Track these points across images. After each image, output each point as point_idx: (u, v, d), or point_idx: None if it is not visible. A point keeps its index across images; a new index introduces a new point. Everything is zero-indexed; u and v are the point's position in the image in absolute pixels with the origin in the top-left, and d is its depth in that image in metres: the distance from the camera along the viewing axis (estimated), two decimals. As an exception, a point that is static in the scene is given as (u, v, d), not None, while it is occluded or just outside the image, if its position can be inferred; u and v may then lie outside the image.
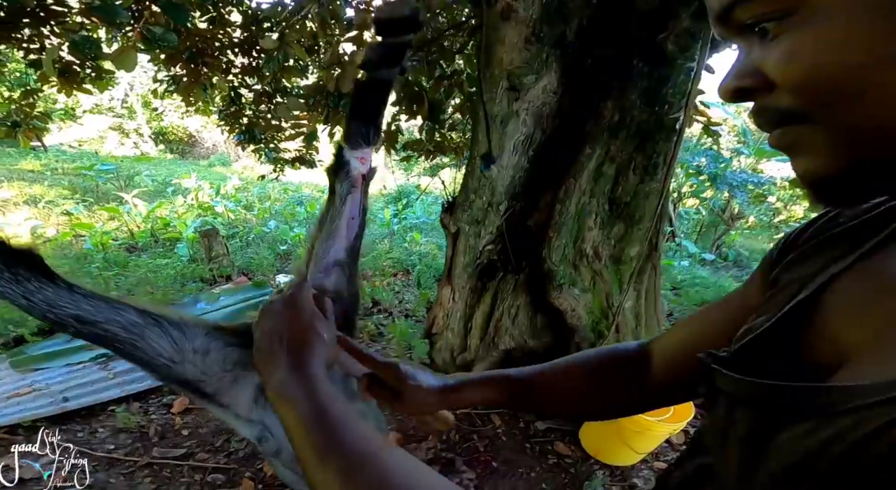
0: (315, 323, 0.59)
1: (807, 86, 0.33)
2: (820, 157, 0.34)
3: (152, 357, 0.71)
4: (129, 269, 4.46)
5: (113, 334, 0.67)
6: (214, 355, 0.76)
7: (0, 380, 2.69)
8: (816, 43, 0.31)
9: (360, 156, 0.76)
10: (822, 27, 0.31)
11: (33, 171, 8.46)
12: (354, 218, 0.79)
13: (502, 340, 2.72)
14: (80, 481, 1.69)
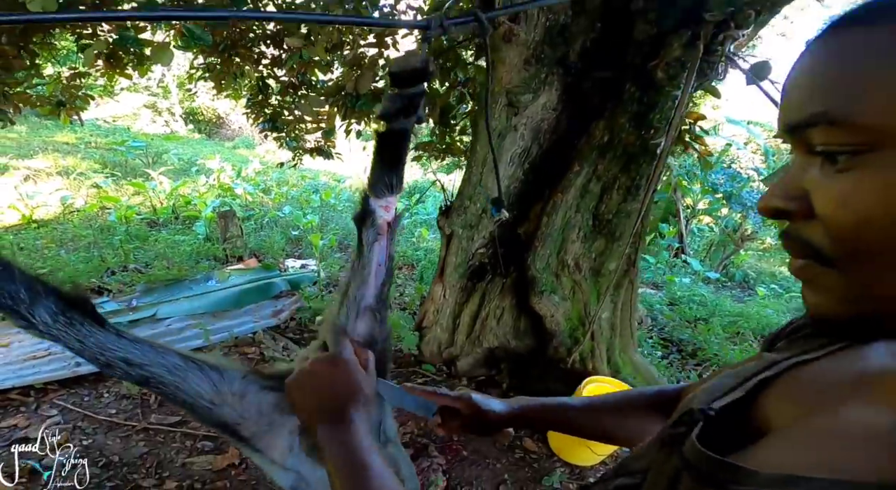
0: (358, 380, 0.64)
1: (849, 236, 0.31)
2: (831, 302, 0.34)
3: (195, 399, 0.74)
4: (148, 244, 4.61)
5: (158, 376, 0.70)
6: (251, 398, 0.78)
7: (20, 342, 2.84)
8: (882, 191, 0.29)
9: (384, 204, 0.78)
10: (874, 172, 0.29)
11: (68, 144, 8.71)
12: (381, 265, 0.81)
13: (486, 339, 2.81)
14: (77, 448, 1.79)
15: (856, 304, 0.33)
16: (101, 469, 1.86)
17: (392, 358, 2.93)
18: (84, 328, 0.65)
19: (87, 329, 0.65)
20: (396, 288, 4.13)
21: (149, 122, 12.69)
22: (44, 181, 6.43)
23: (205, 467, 1.92)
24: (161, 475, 1.87)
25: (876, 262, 0.30)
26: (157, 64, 2.67)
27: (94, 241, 4.59)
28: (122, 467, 1.88)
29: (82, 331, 0.64)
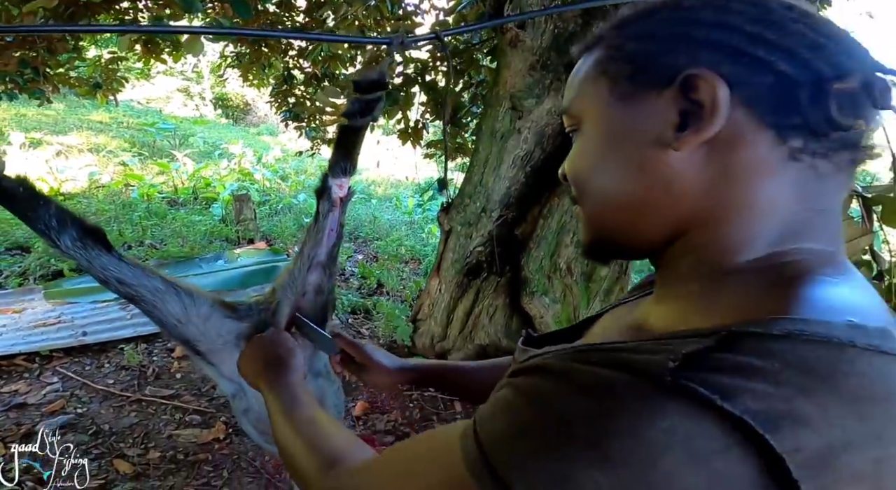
0: (286, 350, 0.81)
1: (572, 180, 0.47)
2: (582, 232, 0.48)
3: (166, 317, 0.87)
4: (166, 221, 4.68)
5: (142, 295, 0.84)
6: (213, 321, 0.91)
7: (33, 309, 2.90)
8: (577, 151, 0.46)
9: (339, 183, 0.90)
10: (580, 142, 0.46)
11: (101, 123, 8.87)
12: (333, 230, 0.94)
13: (478, 336, 2.79)
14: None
15: (590, 230, 0.46)
16: (90, 437, 1.89)
17: (386, 346, 2.93)
18: (94, 251, 0.79)
19: (97, 252, 0.79)
20: (401, 281, 4.12)
21: (180, 105, 12.84)
22: (75, 157, 6.56)
23: (190, 440, 1.94)
24: (147, 445, 1.89)
25: (587, 196, 0.45)
26: (188, 54, 2.74)
27: (115, 215, 4.67)
28: (111, 436, 1.91)
29: (92, 253, 0.79)
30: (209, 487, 1.75)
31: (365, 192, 7.08)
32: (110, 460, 1.79)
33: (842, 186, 0.39)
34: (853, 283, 0.36)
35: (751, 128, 0.36)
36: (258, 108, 13.05)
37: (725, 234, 0.38)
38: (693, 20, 0.39)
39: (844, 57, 0.36)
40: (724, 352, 0.29)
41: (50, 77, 3.06)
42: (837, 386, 0.28)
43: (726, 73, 0.36)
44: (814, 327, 0.30)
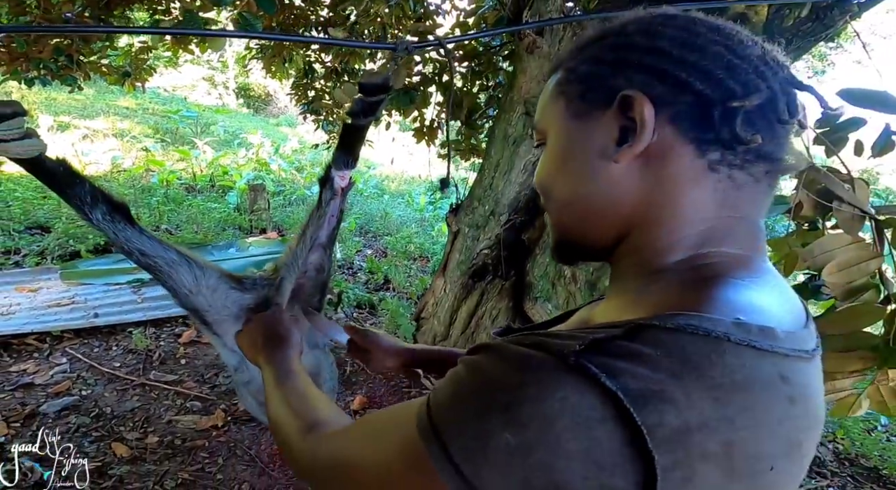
0: (283, 327, 0.84)
1: (538, 188, 0.51)
2: (550, 234, 0.52)
3: (179, 287, 0.93)
4: (182, 207, 4.70)
5: (158, 266, 0.90)
6: (220, 293, 0.96)
7: (48, 289, 2.93)
8: (542, 162, 0.50)
9: (341, 174, 0.96)
10: (545, 154, 0.50)
11: (128, 109, 8.97)
12: (334, 216, 1.01)
13: (480, 337, 2.75)
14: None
15: (554, 233, 0.50)
16: (92, 419, 1.90)
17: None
18: (121, 225, 0.86)
19: (123, 225, 0.86)
20: (408, 278, 4.10)
21: (204, 93, 12.93)
22: (100, 141, 6.64)
23: (189, 426, 1.94)
24: (146, 429, 1.89)
25: (549, 202, 0.50)
26: (212, 48, 2.78)
27: (134, 199, 4.71)
28: (112, 419, 1.92)
29: (119, 226, 0.86)
30: (203, 474, 1.75)
31: (378, 187, 7.07)
32: (109, 443, 1.79)
33: (760, 195, 0.43)
34: (763, 286, 0.40)
35: (676, 142, 0.41)
36: (279, 99, 13.11)
37: (656, 236, 0.43)
38: (632, 45, 0.43)
39: (755, 75, 0.40)
40: (626, 340, 0.33)
41: (82, 64, 3.10)
42: (704, 373, 0.32)
43: (655, 94, 0.40)
44: (702, 323, 0.34)
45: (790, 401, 0.35)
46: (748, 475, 0.33)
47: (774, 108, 0.40)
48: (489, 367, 0.36)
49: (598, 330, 0.36)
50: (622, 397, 0.30)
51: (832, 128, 1.61)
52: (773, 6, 1.91)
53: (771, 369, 0.35)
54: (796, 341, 0.37)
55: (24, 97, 7.52)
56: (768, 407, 0.34)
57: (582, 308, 0.62)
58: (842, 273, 1.40)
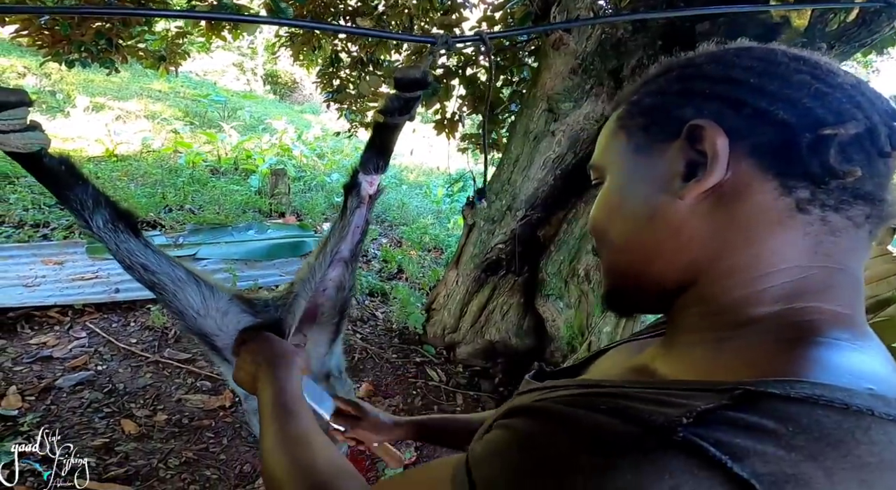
0: (276, 354, 0.75)
1: (592, 229, 0.46)
2: (603, 280, 0.46)
3: (185, 308, 0.83)
4: (206, 188, 4.69)
5: (163, 284, 0.80)
6: (231, 316, 0.86)
7: (74, 262, 2.92)
8: (599, 201, 0.45)
9: (370, 180, 0.85)
10: (602, 192, 0.45)
11: (160, 92, 8.99)
12: (359, 227, 0.89)
13: (489, 332, 2.68)
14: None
15: (608, 279, 0.45)
16: (105, 395, 1.87)
17: (398, 333, 2.85)
18: (123, 235, 0.76)
19: (125, 237, 0.77)
20: (421, 269, 4.03)
21: (233, 79, 12.93)
22: (132, 122, 6.66)
23: (197, 405, 1.91)
24: (155, 407, 1.86)
25: (604, 244, 0.44)
26: (244, 32, 2.74)
27: (161, 179, 4.71)
28: (124, 395, 1.89)
29: (121, 237, 0.76)
30: (207, 453, 1.71)
31: (397, 177, 6.99)
32: (118, 420, 1.76)
33: (860, 243, 0.36)
34: (871, 350, 0.34)
35: (755, 178, 0.35)
36: (304, 86, 13.06)
37: (733, 285, 0.36)
38: (701, 75, 0.39)
39: (849, 104, 0.34)
40: (739, 411, 0.27)
41: (121, 48, 3.09)
42: (849, 452, 0.27)
43: (729, 125, 0.35)
44: (835, 393, 0.28)
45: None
46: None
47: (875, 139, 0.34)
48: (554, 440, 0.29)
49: (690, 392, 0.29)
50: (756, 484, 0.24)
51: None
52: (818, 11, 1.76)
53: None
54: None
55: (63, 78, 7.60)
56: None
57: (611, 349, 0.54)
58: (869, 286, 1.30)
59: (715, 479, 0.25)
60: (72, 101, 6.59)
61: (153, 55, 3.70)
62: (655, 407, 0.28)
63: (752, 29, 1.79)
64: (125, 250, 0.77)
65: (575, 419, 0.29)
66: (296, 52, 4.49)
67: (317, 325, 0.93)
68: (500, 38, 1.90)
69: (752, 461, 0.25)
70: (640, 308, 0.45)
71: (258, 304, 0.89)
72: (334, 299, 0.92)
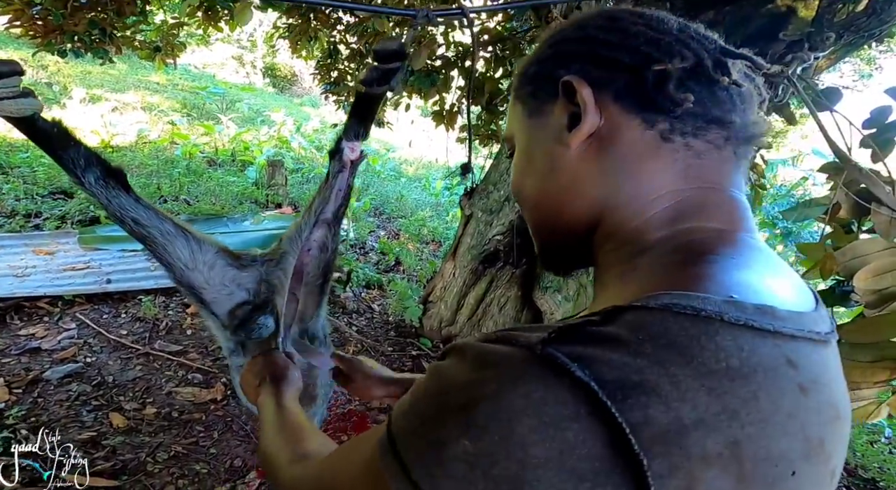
0: (277, 368, 0.81)
1: (514, 196, 0.49)
2: (534, 244, 0.49)
3: (174, 261, 0.85)
4: (202, 179, 4.62)
5: (153, 236, 0.83)
6: (218, 270, 0.88)
7: (65, 253, 2.86)
8: (512, 168, 0.48)
9: (351, 146, 0.88)
10: (514, 160, 0.48)
11: (158, 84, 8.87)
12: (341, 190, 0.91)
13: (486, 324, 2.63)
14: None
15: (536, 240, 0.49)
16: (94, 387, 1.82)
17: (394, 326, 2.79)
18: (114, 191, 0.79)
19: (116, 192, 0.80)
20: (419, 261, 3.97)
21: (232, 71, 12.79)
22: (129, 113, 6.56)
23: (188, 398, 1.86)
24: (145, 400, 1.81)
25: (523, 206, 0.48)
26: (239, 23, 2.70)
27: (156, 170, 4.64)
28: (113, 388, 1.83)
29: (112, 192, 0.79)
30: (197, 447, 1.66)
31: (395, 170, 6.92)
32: (107, 413, 1.71)
33: (726, 164, 0.40)
34: (753, 262, 0.35)
35: (623, 118, 0.39)
36: (303, 79, 12.95)
37: (626, 217, 0.40)
38: (565, 38, 0.44)
39: (677, 45, 0.39)
40: (599, 325, 0.29)
41: (115, 38, 3.02)
42: (692, 358, 0.27)
43: (591, 77, 0.40)
44: (690, 301, 0.29)
45: (801, 390, 0.29)
46: (765, 482, 0.27)
47: (704, 70, 0.38)
48: (449, 369, 0.31)
49: (572, 319, 0.32)
50: (596, 389, 0.25)
51: (879, 128, 1.43)
52: (825, 0, 1.70)
53: (774, 352, 0.29)
54: (803, 322, 0.32)
55: (60, 70, 7.48)
56: (775, 397, 0.28)
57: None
58: (874, 279, 1.26)
59: (563, 385, 0.26)
60: (68, 93, 6.48)
61: (149, 46, 3.63)
62: (535, 333, 0.29)
63: (758, 19, 1.73)
64: (117, 205, 0.80)
65: (471, 348, 0.31)
66: (293, 43, 4.42)
67: (304, 286, 0.94)
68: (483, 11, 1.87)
69: (597, 367, 0.26)
70: (570, 261, 0.47)
71: (244, 259, 0.92)
72: (318, 259, 0.94)
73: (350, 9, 2.93)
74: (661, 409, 0.25)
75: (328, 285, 0.99)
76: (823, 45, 1.72)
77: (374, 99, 0.85)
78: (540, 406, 0.25)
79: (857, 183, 1.39)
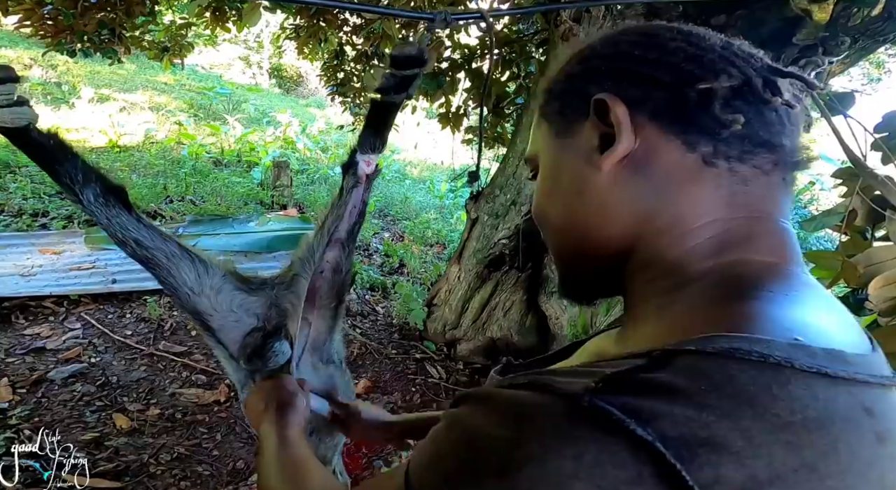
0: (283, 398, 0.76)
1: (536, 221, 0.46)
2: (556, 270, 0.47)
3: (180, 285, 0.81)
4: (208, 180, 4.63)
5: (157, 259, 0.78)
6: (225, 294, 0.84)
7: (71, 253, 2.86)
8: (536, 191, 0.46)
9: (367, 159, 0.84)
10: (538, 183, 0.45)
11: (166, 84, 8.92)
12: (356, 207, 0.86)
13: (491, 329, 2.61)
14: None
15: (559, 267, 0.46)
16: (98, 388, 1.81)
17: (398, 329, 2.78)
18: (115, 210, 0.75)
19: (117, 211, 0.75)
20: (423, 264, 3.96)
21: (239, 72, 12.85)
22: (136, 113, 6.60)
23: (191, 400, 1.85)
24: (149, 401, 1.80)
25: (547, 232, 0.45)
26: (247, 24, 2.72)
27: (163, 170, 4.65)
28: (117, 389, 1.83)
29: (113, 211, 0.75)
30: (200, 449, 1.65)
31: (400, 172, 6.91)
32: (110, 414, 1.70)
33: (774, 190, 0.37)
34: (807, 299, 0.33)
35: (661, 140, 0.37)
36: (310, 81, 12.98)
37: (664, 247, 0.37)
38: (596, 55, 0.41)
39: (721, 62, 0.37)
40: (652, 372, 0.26)
41: (124, 39, 3.04)
42: (766, 410, 0.24)
43: (626, 95, 0.37)
44: (753, 345, 0.27)
45: (878, 439, 0.27)
46: None
47: (753, 89, 0.35)
48: (476, 420, 0.29)
49: (615, 362, 0.29)
50: (661, 448, 0.23)
51: (892, 132, 1.40)
52: (840, 4, 1.68)
53: (850, 400, 0.27)
54: (871, 366, 0.30)
55: (69, 70, 7.54)
56: (854, 448, 0.26)
57: (591, 339, 0.53)
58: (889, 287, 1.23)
59: (620, 444, 0.23)
60: (77, 93, 6.53)
61: (157, 46, 3.66)
62: (573, 378, 0.27)
63: (771, 23, 1.71)
64: (117, 224, 0.76)
65: (498, 397, 0.29)
66: (301, 45, 4.43)
67: (317, 310, 0.89)
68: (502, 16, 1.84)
69: (659, 423, 0.24)
70: (594, 290, 0.45)
71: (254, 282, 0.87)
72: (331, 282, 0.89)
73: (366, 11, 2.93)
74: (734, 466, 0.23)
75: (342, 308, 0.94)
76: (838, 50, 1.70)
77: (391, 108, 0.79)
78: (594, 469, 0.23)
79: (871, 189, 1.37)
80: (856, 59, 2.07)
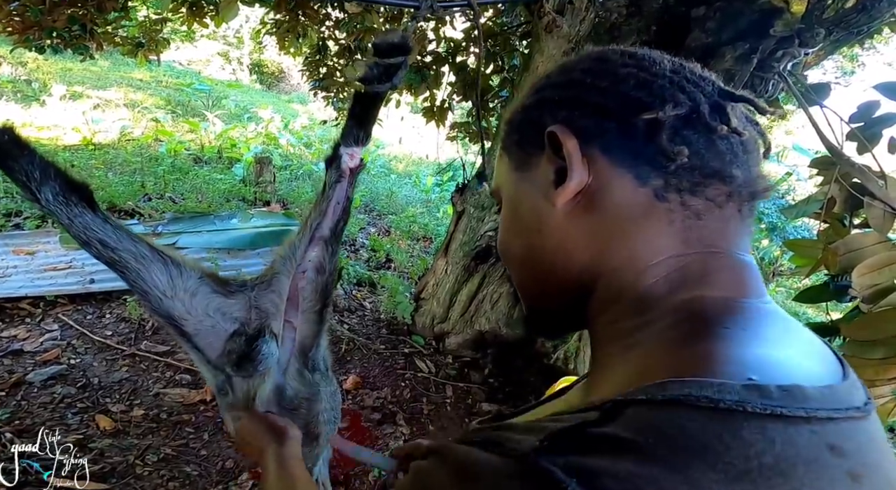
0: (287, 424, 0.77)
1: (499, 251, 0.45)
2: (522, 302, 0.45)
3: (150, 288, 0.76)
4: (188, 177, 4.55)
5: (125, 261, 0.73)
6: (201, 298, 0.80)
7: (46, 252, 2.79)
8: (500, 224, 0.45)
9: (350, 152, 0.81)
10: (501, 215, 0.44)
11: (142, 81, 8.72)
12: (340, 203, 0.83)
13: (479, 321, 2.62)
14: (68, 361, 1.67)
15: (523, 301, 0.45)
16: (78, 389, 1.78)
17: (386, 323, 2.77)
18: (77, 209, 0.70)
19: (80, 210, 0.70)
20: (410, 258, 3.95)
21: (218, 68, 12.62)
22: (112, 110, 6.44)
23: (176, 399, 1.82)
24: (132, 402, 1.77)
25: (509, 265, 0.45)
26: (225, 19, 2.65)
27: (140, 168, 4.55)
28: (99, 390, 1.79)
29: (75, 211, 0.70)
30: (187, 449, 1.63)
31: (385, 166, 6.88)
32: (93, 415, 1.67)
33: (730, 224, 0.36)
34: (766, 333, 0.32)
35: (613, 174, 0.36)
36: (292, 76, 12.81)
37: (621, 286, 0.36)
38: (550, 84, 0.40)
39: (671, 88, 0.35)
40: (600, 426, 0.26)
41: (96, 35, 2.95)
42: (717, 460, 0.23)
43: (577, 126, 0.36)
44: (703, 390, 0.25)
45: (852, 478, 0.25)
46: None
47: (702, 118, 0.34)
48: (432, 478, 0.30)
49: (567, 416, 0.28)
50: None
51: (866, 122, 1.44)
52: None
53: (813, 440, 0.25)
54: (838, 399, 0.28)
55: (39, 67, 7.30)
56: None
57: (577, 384, 0.51)
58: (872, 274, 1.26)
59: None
60: (48, 90, 6.33)
61: (131, 42, 3.56)
62: (525, 435, 0.27)
63: (749, 15, 1.74)
64: (80, 225, 0.71)
65: (453, 453, 0.29)
66: (281, 39, 4.36)
67: (301, 314, 0.85)
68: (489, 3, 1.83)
69: (603, 481, 0.23)
70: (559, 325, 0.45)
71: (233, 285, 0.83)
72: (314, 282, 0.84)
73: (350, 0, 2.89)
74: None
75: (328, 311, 0.89)
76: (813, 41, 1.73)
77: (375, 99, 0.77)
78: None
79: (849, 177, 1.40)
80: (830, 51, 2.12)
